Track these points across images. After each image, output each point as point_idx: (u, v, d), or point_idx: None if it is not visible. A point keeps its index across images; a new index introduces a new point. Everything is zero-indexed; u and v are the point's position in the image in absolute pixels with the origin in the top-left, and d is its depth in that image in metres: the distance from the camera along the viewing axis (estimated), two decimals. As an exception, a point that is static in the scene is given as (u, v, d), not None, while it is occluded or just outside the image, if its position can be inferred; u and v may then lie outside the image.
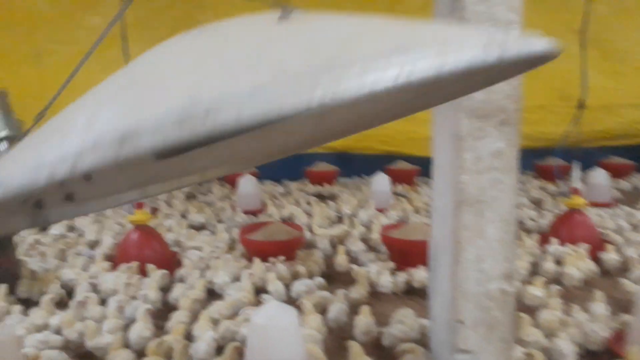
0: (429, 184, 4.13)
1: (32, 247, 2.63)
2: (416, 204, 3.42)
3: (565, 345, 1.51)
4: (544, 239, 2.57)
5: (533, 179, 4.34)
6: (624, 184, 4.20)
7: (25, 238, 2.80)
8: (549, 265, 2.25)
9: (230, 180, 3.95)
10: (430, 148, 1.41)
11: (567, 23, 4.29)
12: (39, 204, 0.60)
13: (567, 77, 4.25)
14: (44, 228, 2.90)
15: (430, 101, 0.73)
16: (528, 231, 2.81)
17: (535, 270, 2.26)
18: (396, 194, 3.72)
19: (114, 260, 2.34)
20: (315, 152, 4.53)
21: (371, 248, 2.59)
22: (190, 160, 0.72)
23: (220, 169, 0.85)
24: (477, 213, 1.21)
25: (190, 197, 3.80)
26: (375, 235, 2.66)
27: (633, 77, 4.60)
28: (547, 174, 4.30)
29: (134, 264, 2.19)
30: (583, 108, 2.61)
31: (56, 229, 2.91)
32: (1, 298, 1.96)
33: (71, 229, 2.96)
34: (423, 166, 4.30)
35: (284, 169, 4.41)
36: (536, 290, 1.92)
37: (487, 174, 1.19)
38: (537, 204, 3.54)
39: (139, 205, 2.42)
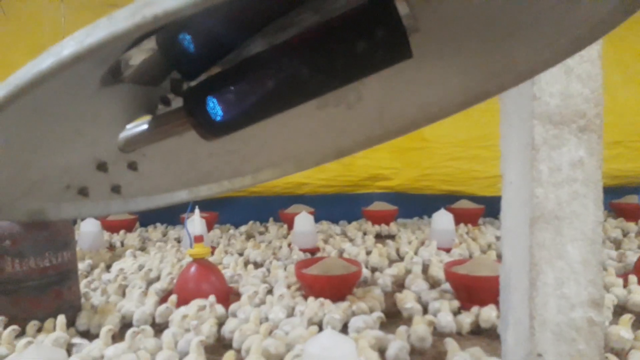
0: (494, 224, 3.94)
1: (94, 281, 2.69)
2: (481, 243, 3.22)
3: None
4: (627, 279, 2.31)
5: (610, 218, 4.01)
6: None
7: (89, 273, 2.87)
8: (635, 300, 2.00)
9: (287, 220, 3.94)
10: (496, 187, 1.31)
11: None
12: (84, 191, 0.58)
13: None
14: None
15: None
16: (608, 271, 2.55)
17: (619, 311, 2.02)
18: (459, 233, 3.54)
19: (172, 293, 2.34)
20: (373, 192, 4.46)
21: (433, 286, 2.44)
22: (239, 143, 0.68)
23: (272, 171, 0.81)
24: (555, 230, 1.09)
25: (249, 236, 3.82)
26: (438, 274, 2.50)
27: None
28: (625, 213, 3.97)
29: (192, 298, 2.17)
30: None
31: (117, 265, 2.98)
32: (61, 329, 1.99)
33: (132, 260, 3.02)
34: (487, 206, 4.13)
35: (341, 209, 4.36)
36: (624, 331, 1.70)
37: (566, 186, 1.07)
38: (617, 243, 3.24)
39: (198, 239, 2.43)
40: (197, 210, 2.54)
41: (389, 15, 0.47)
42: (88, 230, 3.53)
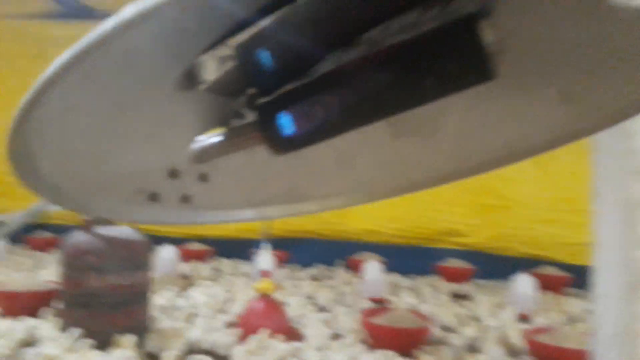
0: (580, 295, 3.61)
1: (165, 306, 2.77)
2: (566, 314, 2.94)
3: None
4: None
5: None
6: None
7: (161, 297, 2.97)
8: None
9: (355, 267, 3.86)
10: (584, 256, 1.20)
11: None
12: (155, 197, 0.59)
13: None
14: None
15: None
16: None
17: None
18: (541, 301, 3.26)
19: (237, 326, 2.34)
20: (447, 247, 4.27)
21: (510, 354, 2.24)
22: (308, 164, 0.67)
23: (341, 199, 0.79)
24: (656, 300, 0.95)
25: (315, 279, 3.78)
26: (516, 341, 2.30)
27: None
28: None
29: (255, 332, 2.17)
30: None
31: (188, 293, 3.05)
32: (132, 348, 2.06)
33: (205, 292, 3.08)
34: (574, 275, 3.79)
35: (412, 261, 4.20)
36: None
37: (669, 250, 0.95)
38: None
39: (265, 274, 2.45)
40: (267, 245, 2.56)
41: (471, 34, 0.45)
42: (164, 256, 3.68)
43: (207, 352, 2.05)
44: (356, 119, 0.53)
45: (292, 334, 2.34)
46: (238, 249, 4.37)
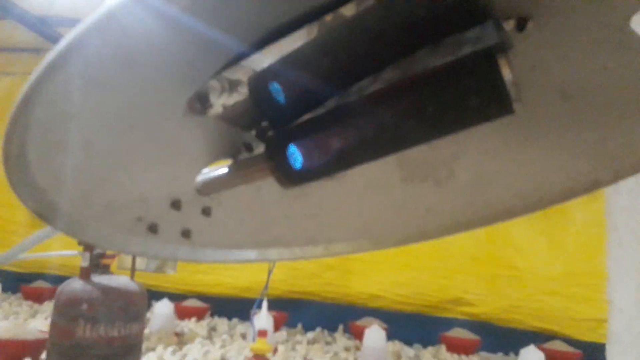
0: (594, 374, 3.42)
1: (156, 362, 2.65)
2: (579, 394, 2.77)
3: None
4: None
5: None
6: None
7: (154, 352, 2.85)
8: None
9: (357, 333, 3.72)
10: (597, 332, 1.15)
11: None
12: (154, 228, 0.57)
13: None
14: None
15: None
16: None
17: None
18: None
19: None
20: (453, 317, 4.12)
21: None
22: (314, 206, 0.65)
23: (347, 244, 0.76)
24: (680, 375, 0.89)
25: (312, 342, 3.63)
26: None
27: None
28: None
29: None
30: None
31: (182, 350, 2.93)
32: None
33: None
34: (585, 352, 3.61)
35: (416, 330, 4.04)
36: None
37: (692, 320, 0.89)
38: None
39: (262, 334, 2.35)
40: (265, 304, 2.48)
41: (491, 66, 0.44)
42: (161, 311, 3.58)
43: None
44: (366, 154, 0.51)
45: (287, 401, 2.22)
46: (236, 308, 4.24)
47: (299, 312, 4.17)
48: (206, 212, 0.61)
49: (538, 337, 3.71)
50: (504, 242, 4.12)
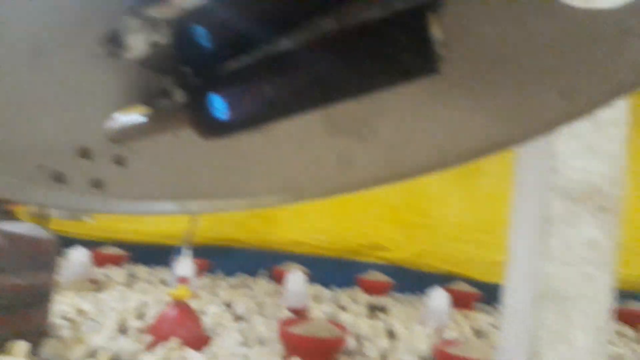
0: (488, 311, 3.80)
1: (68, 311, 2.57)
2: (477, 328, 3.08)
3: None
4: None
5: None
6: None
7: (67, 300, 2.75)
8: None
9: (279, 277, 3.82)
10: (495, 274, 1.26)
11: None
12: (60, 177, 0.52)
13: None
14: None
15: None
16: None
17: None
18: (454, 315, 3.40)
19: (148, 333, 2.21)
20: (370, 261, 4.35)
21: (423, 366, 2.30)
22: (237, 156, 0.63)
23: (271, 197, 0.75)
24: (561, 312, 1.01)
25: (235, 287, 3.69)
26: (427, 352, 2.37)
27: None
28: (628, 319, 3.81)
29: (166, 340, 2.05)
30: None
31: (97, 298, 2.85)
32: (24, 355, 1.87)
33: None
34: (484, 292, 3.99)
35: (335, 274, 4.23)
36: None
37: (577, 266, 1.01)
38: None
39: (182, 281, 2.34)
40: (186, 251, 2.45)
41: (420, 25, 0.44)
42: (75, 258, 3.42)
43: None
44: (294, 106, 0.50)
45: (206, 343, 2.25)
46: (157, 255, 4.16)
47: (222, 259, 4.19)
48: (120, 161, 0.57)
49: (444, 279, 4.04)
50: (420, 193, 4.35)
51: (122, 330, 2.31)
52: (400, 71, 0.45)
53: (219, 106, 0.51)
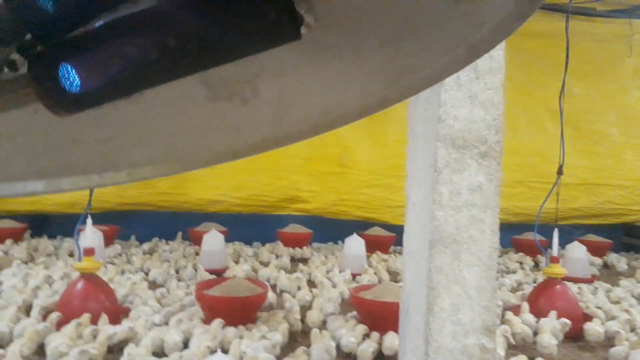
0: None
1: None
2: (391, 270, 3.26)
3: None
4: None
5: (512, 253, 4.26)
6: (600, 261, 4.14)
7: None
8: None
9: (196, 239, 3.76)
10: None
11: (544, 102, 4.46)
12: None
13: (544, 154, 4.35)
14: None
15: None
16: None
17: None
18: (370, 260, 3.57)
19: (55, 311, 2.09)
20: (289, 214, 4.40)
21: (342, 311, 2.40)
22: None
23: (153, 168, 0.71)
24: (453, 255, 1.08)
25: (150, 252, 3.58)
26: (346, 298, 2.48)
27: (607, 158, 4.71)
28: (524, 248, 4.23)
29: (77, 317, 1.96)
30: (560, 174, 2.58)
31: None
32: None
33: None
34: (399, 235, 4.22)
35: (255, 230, 4.25)
36: None
37: (465, 210, 1.08)
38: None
39: (88, 252, 2.21)
40: (89, 221, 2.31)
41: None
42: (-36, 237, 3.13)
43: (17, 344, 1.79)
44: (153, 75, 0.46)
45: (125, 314, 2.18)
46: (60, 225, 3.91)
47: (132, 224, 4.03)
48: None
49: (361, 225, 4.20)
50: (334, 142, 4.42)
51: (27, 310, 2.17)
52: (261, 39, 0.43)
53: (71, 77, 0.46)
